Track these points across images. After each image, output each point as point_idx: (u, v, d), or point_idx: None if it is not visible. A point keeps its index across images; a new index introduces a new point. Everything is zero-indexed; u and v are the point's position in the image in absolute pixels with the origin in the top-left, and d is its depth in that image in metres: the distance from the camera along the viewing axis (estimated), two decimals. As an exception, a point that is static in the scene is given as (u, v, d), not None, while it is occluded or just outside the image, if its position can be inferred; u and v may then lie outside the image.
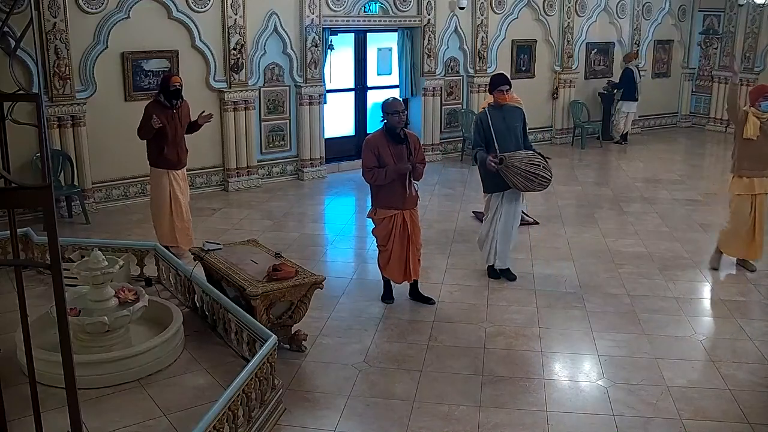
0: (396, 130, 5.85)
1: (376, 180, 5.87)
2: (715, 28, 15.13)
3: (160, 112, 7.01)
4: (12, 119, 3.00)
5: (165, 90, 7.07)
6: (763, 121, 6.68)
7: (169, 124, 7.06)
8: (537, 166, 6.26)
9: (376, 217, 6.08)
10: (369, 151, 5.87)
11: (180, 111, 7.17)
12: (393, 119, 5.82)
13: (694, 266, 7.25)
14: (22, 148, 8.09)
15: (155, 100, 7.14)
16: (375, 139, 5.91)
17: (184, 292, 5.90)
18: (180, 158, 7.24)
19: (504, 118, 6.46)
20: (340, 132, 11.60)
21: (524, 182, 6.28)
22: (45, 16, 8.23)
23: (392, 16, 11.26)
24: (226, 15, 9.61)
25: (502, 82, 6.56)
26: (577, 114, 13.68)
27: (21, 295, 2.82)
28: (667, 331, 5.77)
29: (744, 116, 6.74)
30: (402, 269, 6.12)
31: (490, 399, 4.72)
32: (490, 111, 6.50)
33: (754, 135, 6.67)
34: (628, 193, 10.27)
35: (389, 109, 5.84)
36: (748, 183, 6.83)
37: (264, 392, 4.28)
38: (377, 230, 6.13)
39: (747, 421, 4.50)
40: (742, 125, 6.73)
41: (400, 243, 6.04)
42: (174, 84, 7.07)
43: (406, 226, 6.05)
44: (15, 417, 3.81)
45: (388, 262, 6.12)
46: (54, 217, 2.43)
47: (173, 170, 7.22)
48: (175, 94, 7.07)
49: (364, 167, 5.93)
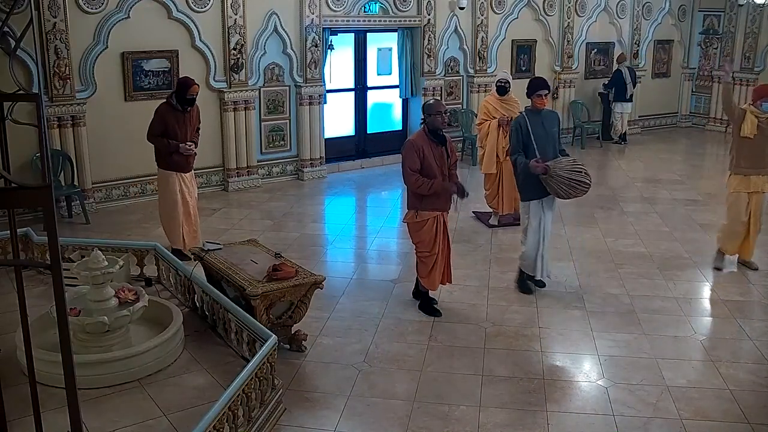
0: (439, 131, 5.75)
1: (420, 188, 5.66)
2: (715, 28, 15.13)
3: (171, 114, 6.98)
4: (12, 119, 3.00)
5: (181, 95, 7.00)
6: (761, 120, 6.71)
7: (180, 127, 7.03)
8: (579, 173, 6.06)
9: (419, 220, 5.82)
10: (414, 153, 5.66)
11: (191, 114, 7.13)
12: (436, 120, 5.69)
13: (694, 266, 7.25)
14: (22, 148, 8.09)
15: (167, 102, 7.08)
16: (419, 141, 5.72)
17: (184, 292, 5.90)
18: (188, 161, 7.19)
19: (543, 123, 6.26)
20: (340, 132, 11.59)
21: (568, 190, 6.06)
22: (45, 16, 8.23)
23: (392, 16, 11.26)
24: (226, 15, 9.61)
25: (540, 86, 6.33)
26: (577, 114, 13.69)
27: (21, 295, 2.82)
28: (667, 331, 5.77)
29: (742, 114, 6.78)
30: (441, 273, 5.97)
31: (490, 399, 4.72)
32: (528, 116, 6.28)
33: (751, 133, 6.71)
34: (628, 193, 10.27)
35: (432, 110, 5.70)
36: (745, 180, 6.87)
37: (264, 392, 4.28)
38: (421, 235, 5.85)
39: (747, 421, 4.50)
40: (740, 123, 6.77)
41: (443, 246, 5.89)
42: (192, 94, 7.01)
43: (446, 226, 5.95)
44: (15, 417, 3.81)
45: (433, 268, 5.88)
46: (54, 217, 2.44)
47: (182, 172, 7.18)
48: (191, 102, 7.05)
49: (407, 169, 5.66)
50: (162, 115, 7.00)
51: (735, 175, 6.93)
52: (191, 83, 7.06)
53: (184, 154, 7.05)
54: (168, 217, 7.25)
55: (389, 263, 7.41)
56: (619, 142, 13.87)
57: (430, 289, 6.07)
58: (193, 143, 7.16)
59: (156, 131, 7.02)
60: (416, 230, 5.89)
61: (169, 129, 6.99)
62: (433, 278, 5.95)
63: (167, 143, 6.98)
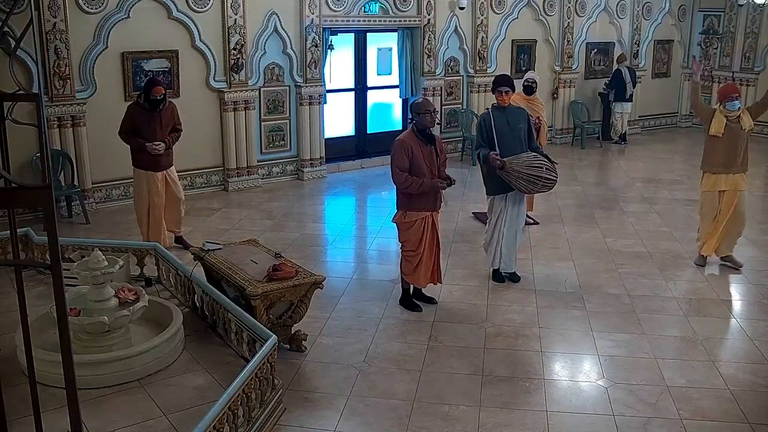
0: (427, 130, 5.76)
1: (410, 188, 5.68)
2: (715, 28, 15.14)
3: (139, 114, 7.04)
4: (12, 119, 3.00)
5: (146, 95, 7.04)
6: (729, 119, 6.78)
7: (149, 126, 7.06)
8: (539, 168, 6.13)
9: (407, 221, 5.87)
10: (403, 152, 5.67)
11: (162, 113, 7.13)
12: (425, 119, 5.70)
13: (694, 266, 7.25)
14: (22, 148, 8.09)
15: (135, 102, 7.17)
16: (408, 140, 5.73)
17: (184, 292, 5.90)
18: (158, 160, 7.16)
19: (507, 120, 6.37)
20: (340, 132, 11.59)
21: (527, 185, 6.18)
22: (45, 16, 8.23)
23: (392, 16, 11.26)
24: (226, 15, 9.61)
25: (501, 83, 6.52)
26: (577, 114, 13.68)
27: (21, 295, 2.82)
28: (667, 331, 5.78)
29: (711, 113, 6.89)
30: (428, 272, 6.01)
31: (490, 399, 4.72)
32: (493, 111, 6.43)
33: (719, 132, 6.78)
34: (628, 193, 10.27)
35: (421, 109, 5.71)
36: (715, 179, 6.94)
37: (264, 392, 4.28)
38: (408, 234, 5.89)
39: (747, 421, 4.50)
40: (708, 122, 6.86)
41: (429, 246, 5.93)
42: (155, 94, 7.01)
43: (435, 227, 5.96)
44: (15, 417, 3.82)
45: (416, 267, 5.95)
46: (54, 217, 2.44)
47: (152, 171, 7.20)
48: (155, 103, 7.04)
49: (395, 168, 5.68)
50: (130, 114, 7.11)
51: (706, 174, 7.03)
52: (156, 84, 7.13)
53: (151, 153, 7.08)
54: (138, 213, 7.44)
55: (389, 263, 7.40)
56: (619, 142, 13.87)
57: (417, 285, 6.13)
58: (163, 143, 7.14)
59: (124, 129, 7.15)
60: (404, 230, 5.94)
61: (138, 128, 7.08)
62: (417, 276, 6.01)
63: (136, 141, 7.08)
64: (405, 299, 6.16)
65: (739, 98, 6.91)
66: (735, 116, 6.79)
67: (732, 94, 6.83)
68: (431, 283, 6.14)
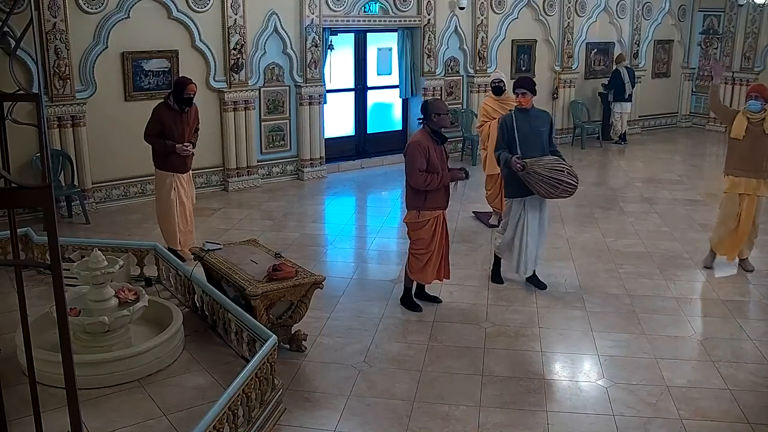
0: (441, 130, 5.79)
1: (431, 185, 5.71)
2: (715, 28, 15.14)
3: (168, 115, 6.93)
4: (12, 119, 2.99)
5: (178, 95, 6.93)
6: (751, 121, 6.63)
7: (177, 128, 6.96)
8: (561, 172, 6.02)
9: (421, 220, 5.88)
10: (420, 153, 5.67)
11: (189, 114, 7.08)
12: (444, 120, 5.75)
13: (694, 266, 7.25)
14: (22, 148, 8.09)
15: (165, 102, 7.02)
16: (423, 141, 5.74)
17: (184, 292, 5.90)
18: (185, 161, 7.13)
19: (530, 122, 6.27)
20: (340, 132, 11.60)
21: (548, 189, 6.04)
22: (45, 16, 8.23)
23: (392, 16, 11.26)
24: (226, 15, 9.61)
25: (518, 85, 6.44)
26: (577, 114, 13.69)
27: (21, 295, 2.82)
28: (667, 331, 5.77)
29: (732, 115, 6.77)
30: (436, 268, 6.03)
31: (490, 399, 4.72)
32: (515, 114, 6.33)
33: (739, 135, 6.65)
34: (628, 193, 10.27)
35: (436, 110, 5.73)
36: (736, 182, 6.84)
37: (264, 392, 4.28)
38: (421, 233, 5.90)
39: (747, 421, 4.50)
40: (730, 124, 6.75)
41: (440, 243, 5.96)
42: (189, 93, 6.93)
43: (445, 224, 6.00)
44: (15, 417, 3.81)
45: (425, 264, 5.96)
46: (54, 217, 2.43)
47: (178, 173, 7.13)
48: (188, 102, 6.99)
49: (414, 170, 5.67)
50: (159, 115, 6.95)
51: (727, 176, 6.92)
52: (188, 82, 6.99)
53: (181, 154, 7.01)
54: (164, 217, 7.22)
55: (389, 263, 7.40)
56: (619, 142, 13.88)
57: (423, 282, 6.14)
58: (191, 144, 7.12)
59: (153, 131, 6.97)
60: (416, 229, 5.94)
61: (166, 129, 6.93)
62: (425, 273, 6.01)
63: (164, 143, 6.94)
64: (406, 298, 6.16)
65: (758, 98, 6.58)
66: (758, 119, 6.58)
67: (750, 93, 6.67)
68: (437, 280, 6.14)
